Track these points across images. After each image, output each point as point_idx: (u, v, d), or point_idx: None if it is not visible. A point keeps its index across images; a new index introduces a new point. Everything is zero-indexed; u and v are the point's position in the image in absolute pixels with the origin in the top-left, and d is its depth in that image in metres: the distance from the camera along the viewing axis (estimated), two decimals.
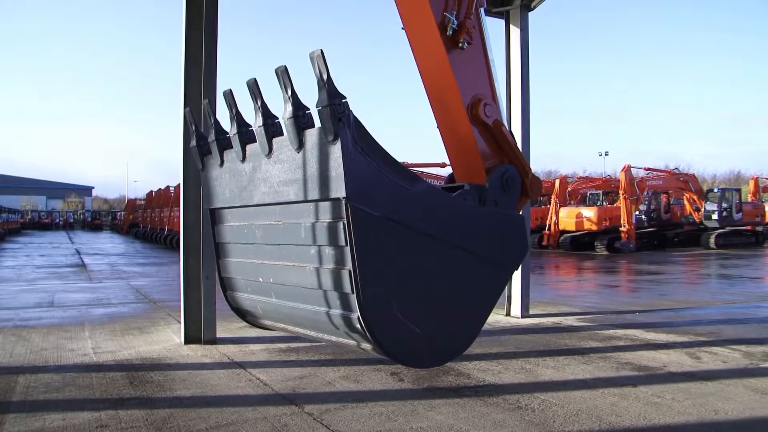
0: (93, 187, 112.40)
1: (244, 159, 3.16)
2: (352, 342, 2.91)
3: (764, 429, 4.54)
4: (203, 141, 3.57)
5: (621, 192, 25.68)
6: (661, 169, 33.23)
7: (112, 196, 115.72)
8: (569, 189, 31.89)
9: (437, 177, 26.85)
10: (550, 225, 27.94)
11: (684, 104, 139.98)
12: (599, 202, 30.62)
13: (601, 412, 4.68)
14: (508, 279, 3.42)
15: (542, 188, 3.89)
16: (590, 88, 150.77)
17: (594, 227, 26.69)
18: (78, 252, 28.16)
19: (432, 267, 2.97)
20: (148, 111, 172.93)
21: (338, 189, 2.53)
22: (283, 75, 2.62)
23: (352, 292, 2.68)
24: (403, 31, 3.60)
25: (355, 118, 2.54)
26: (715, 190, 30.23)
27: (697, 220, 29.11)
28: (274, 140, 2.90)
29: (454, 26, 3.41)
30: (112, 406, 4.92)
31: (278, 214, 3.07)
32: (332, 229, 2.69)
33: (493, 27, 3.81)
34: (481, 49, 3.60)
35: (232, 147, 3.27)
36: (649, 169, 30.03)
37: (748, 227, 29.19)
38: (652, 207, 28.88)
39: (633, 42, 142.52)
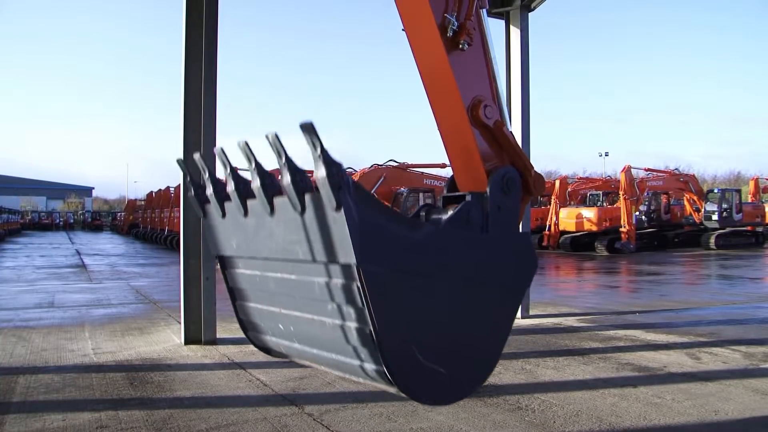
0: (93, 188, 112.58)
1: (246, 214, 3.11)
2: (392, 389, 2.93)
3: (764, 430, 4.54)
4: (202, 190, 3.48)
5: (621, 192, 25.66)
6: (661, 170, 33.22)
7: (112, 196, 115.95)
8: (569, 189, 31.88)
9: (438, 177, 26.92)
10: (550, 225, 27.93)
11: (684, 105, 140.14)
12: (599, 203, 30.60)
13: (602, 412, 4.69)
14: (522, 299, 3.39)
15: (545, 185, 3.88)
16: (590, 89, 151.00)
17: (594, 228, 26.67)
18: (78, 252, 28.16)
19: (449, 307, 2.98)
20: (148, 111, 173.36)
21: (347, 255, 2.52)
22: (275, 142, 2.59)
23: (376, 349, 2.70)
24: (404, 32, 3.60)
25: (353, 181, 2.56)
26: (715, 191, 30.17)
27: (697, 221, 29.09)
28: (275, 199, 2.83)
29: (455, 27, 3.40)
30: (112, 406, 4.92)
31: (289, 270, 3.04)
32: (347, 290, 2.68)
33: (493, 27, 3.80)
34: (481, 50, 3.58)
35: (231, 200, 3.21)
36: (649, 169, 30.03)
37: (748, 228, 29.15)
38: (652, 208, 28.85)
39: (633, 42, 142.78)
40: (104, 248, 32.96)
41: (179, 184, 8.50)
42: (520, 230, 3.58)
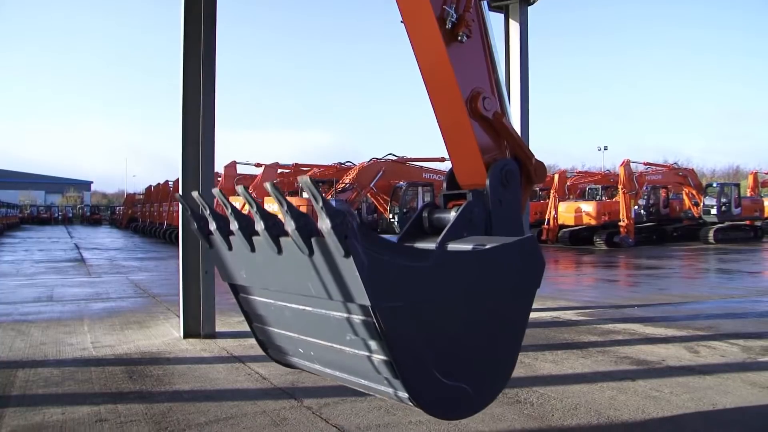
0: (92, 182, 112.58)
1: (253, 250, 3.09)
2: (418, 408, 2.96)
3: (762, 422, 4.56)
4: (204, 222, 3.44)
5: (620, 187, 25.66)
6: (660, 164, 33.11)
7: (111, 190, 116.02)
8: (568, 183, 31.91)
9: (436, 171, 26.89)
10: (549, 219, 27.94)
11: (683, 99, 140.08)
12: (598, 197, 30.60)
13: (600, 405, 4.69)
14: (532, 301, 3.39)
15: (547, 173, 3.85)
16: (589, 83, 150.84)
17: (593, 222, 26.69)
18: (77, 246, 28.13)
19: (465, 324, 3.01)
20: (147, 106, 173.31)
21: (360, 297, 2.56)
22: (274, 190, 2.61)
23: (398, 378, 2.75)
24: (403, 24, 3.58)
25: (358, 224, 2.56)
26: (714, 185, 30.13)
27: (696, 215, 29.09)
28: (282, 239, 2.82)
29: (453, 19, 3.38)
30: (112, 400, 4.92)
31: (304, 302, 3.03)
32: (366, 325, 2.71)
33: (492, 21, 3.78)
34: (480, 42, 3.57)
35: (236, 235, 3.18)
36: (648, 163, 29.99)
37: (747, 222, 29.18)
38: (651, 202, 28.85)
39: (632, 37, 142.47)
40: (103, 242, 32.93)
41: (178, 178, 8.48)
42: (525, 231, 3.57)
